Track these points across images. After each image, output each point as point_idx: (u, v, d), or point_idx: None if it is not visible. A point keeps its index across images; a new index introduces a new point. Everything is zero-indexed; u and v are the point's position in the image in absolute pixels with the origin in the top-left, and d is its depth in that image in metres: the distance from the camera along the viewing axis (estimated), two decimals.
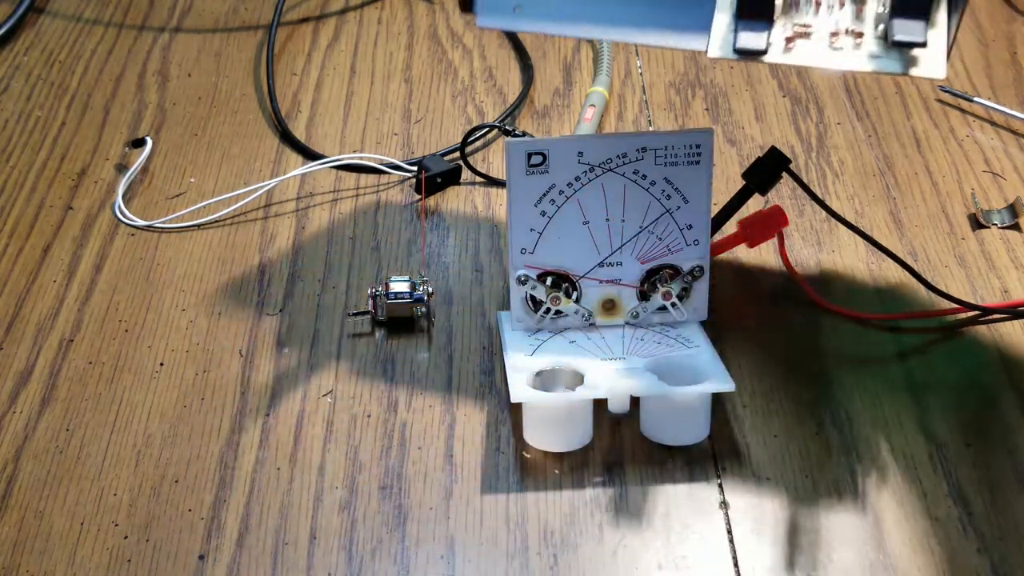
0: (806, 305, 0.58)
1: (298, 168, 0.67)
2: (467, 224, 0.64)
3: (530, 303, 0.55)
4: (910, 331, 0.57)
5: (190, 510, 0.50)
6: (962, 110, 0.71)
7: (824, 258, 0.61)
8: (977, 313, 0.58)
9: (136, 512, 0.50)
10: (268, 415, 0.54)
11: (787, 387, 0.54)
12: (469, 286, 0.60)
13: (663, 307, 0.55)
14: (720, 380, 0.50)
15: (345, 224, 0.64)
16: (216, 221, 0.65)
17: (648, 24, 0.46)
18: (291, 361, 0.56)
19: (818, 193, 0.59)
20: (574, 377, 0.52)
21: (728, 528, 0.49)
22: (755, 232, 0.58)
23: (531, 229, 0.53)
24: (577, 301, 0.55)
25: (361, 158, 0.68)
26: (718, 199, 0.59)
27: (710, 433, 0.52)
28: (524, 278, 0.54)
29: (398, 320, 0.58)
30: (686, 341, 0.54)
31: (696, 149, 0.52)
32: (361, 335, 0.58)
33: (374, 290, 0.58)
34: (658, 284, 0.54)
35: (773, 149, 0.58)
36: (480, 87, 0.74)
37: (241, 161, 0.69)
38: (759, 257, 0.61)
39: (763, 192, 0.58)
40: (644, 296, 0.55)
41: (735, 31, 0.46)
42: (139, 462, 0.52)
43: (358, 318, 0.58)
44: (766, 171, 0.57)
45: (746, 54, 0.46)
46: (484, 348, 0.57)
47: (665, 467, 0.51)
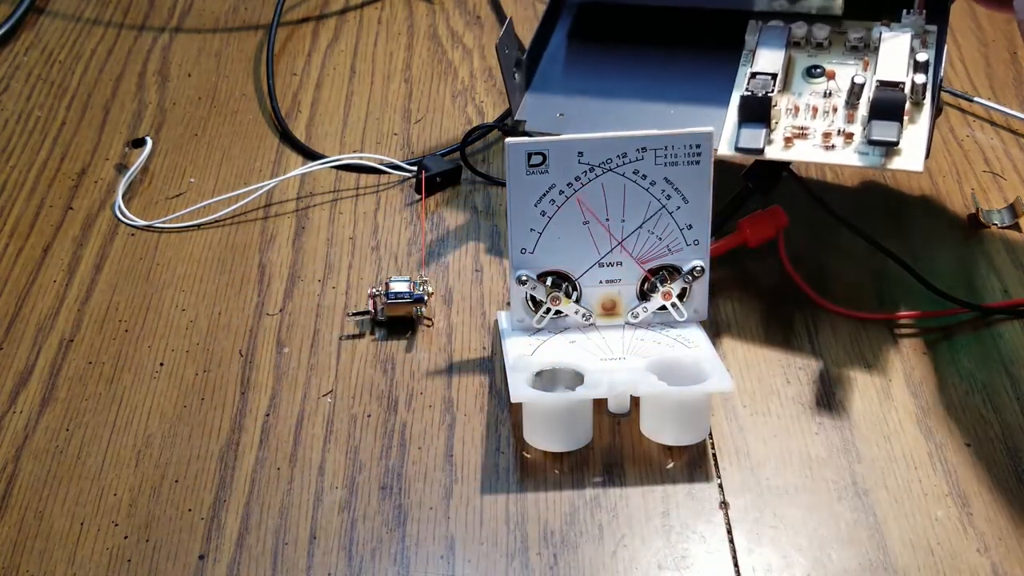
0: (806, 305, 0.59)
1: (298, 168, 0.67)
2: (467, 224, 0.64)
3: (530, 303, 0.55)
4: (910, 331, 0.57)
5: (190, 510, 0.50)
6: (962, 110, 0.71)
7: (824, 258, 0.61)
8: (977, 313, 0.58)
9: (136, 512, 0.50)
10: (268, 415, 0.54)
11: (787, 387, 0.54)
12: (469, 286, 0.60)
13: (663, 307, 0.55)
14: (720, 380, 0.50)
15: (345, 224, 0.64)
16: (216, 221, 0.65)
17: (672, 127, 0.52)
18: (291, 361, 0.56)
19: (818, 192, 0.59)
20: (574, 377, 0.52)
21: (728, 528, 0.49)
22: (755, 232, 0.58)
23: (531, 229, 0.53)
24: (577, 301, 0.55)
25: (361, 158, 0.68)
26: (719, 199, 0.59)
27: (710, 433, 0.52)
28: (524, 278, 0.54)
29: (398, 320, 0.58)
30: (686, 341, 0.54)
31: (696, 149, 0.52)
32: (361, 335, 0.58)
33: (374, 290, 0.58)
34: (658, 284, 0.54)
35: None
36: (480, 87, 0.74)
37: (241, 161, 0.69)
38: (759, 257, 0.61)
39: (763, 192, 0.58)
40: (644, 296, 0.55)
41: (737, 132, 0.55)
42: (139, 462, 0.52)
43: (358, 318, 0.58)
44: (766, 171, 0.57)
45: (746, 151, 0.55)
46: (484, 348, 0.57)
47: (665, 467, 0.51)
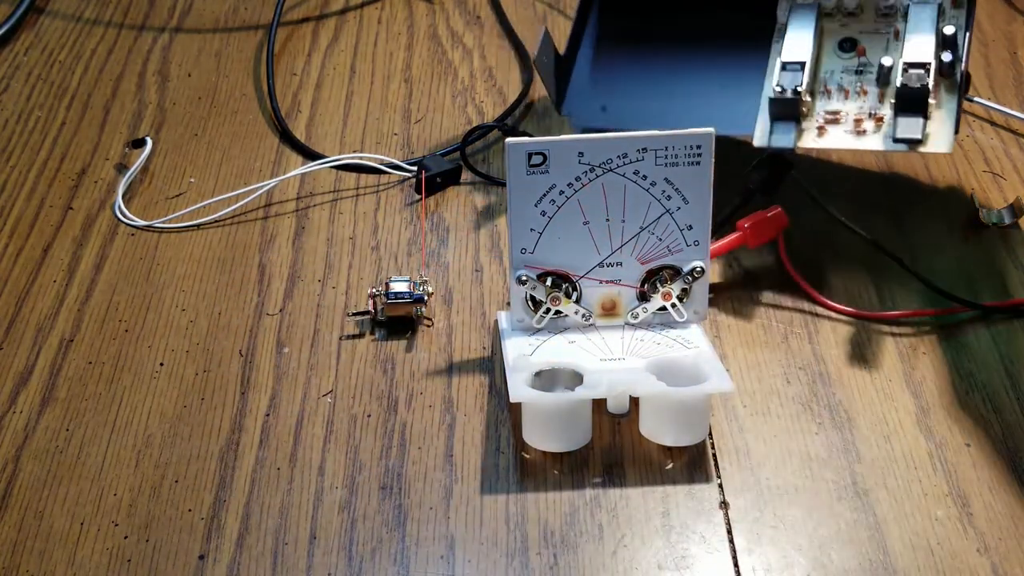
0: (806, 305, 0.59)
1: (298, 168, 0.67)
2: (467, 224, 0.64)
3: (530, 303, 0.55)
4: (910, 331, 0.57)
5: (190, 510, 0.50)
6: (962, 110, 0.70)
7: (824, 258, 0.61)
8: (977, 313, 0.58)
9: (136, 512, 0.50)
10: (268, 415, 0.54)
11: (787, 387, 0.54)
12: (469, 286, 0.60)
13: (663, 307, 0.55)
14: (720, 381, 0.50)
15: (345, 224, 0.64)
16: (216, 221, 0.65)
17: (709, 122, 0.53)
18: (291, 361, 0.56)
19: (818, 192, 0.59)
20: (573, 377, 0.52)
21: (728, 528, 0.49)
22: (756, 233, 0.58)
23: (531, 229, 0.53)
24: (577, 301, 0.55)
25: (361, 158, 0.68)
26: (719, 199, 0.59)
27: (710, 433, 0.52)
28: (524, 278, 0.54)
29: (398, 320, 0.58)
30: (686, 341, 0.54)
31: (697, 150, 0.52)
32: (361, 335, 0.58)
33: (374, 290, 0.58)
34: (658, 285, 0.54)
35: (774, 152, 0.58)
36: (480, 87, 0.74)
37: (241, 161, 0.69)
38: (759, 257, 0.61)
39: (764, 193, 0.58)
40: (644, 296, 0.55)
41: (769, 132, 0.58)
42: (139, 462, 0.52)
43: (358, 318, 0.58)
44: (768, 173, 0.57)
45: (780, 150, 0.57)
46: (484, 348, 0.57)
47: (665, 467, 0.51)
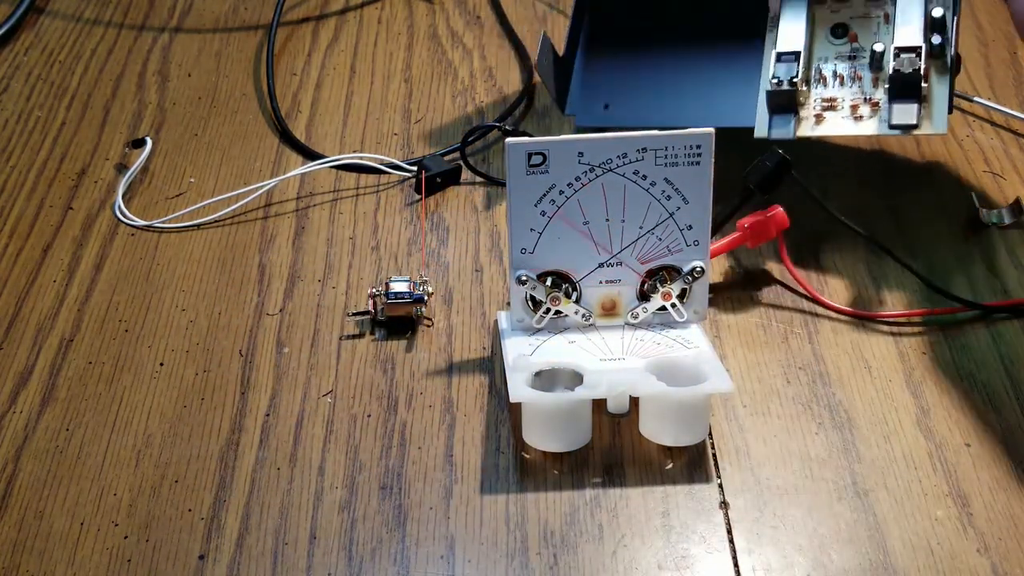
0: (806, 305, 0.59)
1: (298, 168, 0.67)
2: (467, 224, 0.64)
3: (530, 303, 0.55)
4: (910, 331, 0.57)
5: (190, 510, 0.50)
6: (962, 110, 0.71)
7: (824, 258, 0.61)
8: (977, 313, 0.58)
9: (136, 512, 0.50)
10: (268, 415, 0.54)
11: (787, 387, 0.54)
12: (469, 286, 0.60)
13: (663, 307, 0.55)
14: (720, 381, 0.50)
15: (345, 224, 0.64)
16: (216, 221, 0.65)
17: (711, 119, 0.54)
18: (291, 361, 0.56)
19: (818, 192, 0.59)
20: (573, 377, 0.52)
21: (728, 528, 0.49)
22: (756, 232, 0.58)
23: (531, 229, 0.53)
24: (577, 301, 0.55)
25: (361, 158, 0.68)
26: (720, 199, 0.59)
27: (710, 433, 0.52)
28: (524, 278, 0.54)
29: (398, 320, 0.58)
30: (686, 341, 0.54)
31: (696, 150, 0.52)
32: (361, 335, 0.58)
33: (374, 290, 0.58)
34: (658, 285, 0.54)
35: (774, 150, 0.58)
36: (480, 87, 0.74)
37: (241, 161, 0.69)
38: (759, 257, 0.61)
39: (764, 193, 0.58)
40: (644, 296, 0.55)
41: (769, 124, 0.59)
42: (139, 462, 0.52)
43: (358, 318, 0.58)
44: (768, 172, 0.57)
45: (780, 141, 0.58)
46: (484, 348, 0.57)
47: (665, 467, 0.51)
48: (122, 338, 0.58)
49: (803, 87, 0.59)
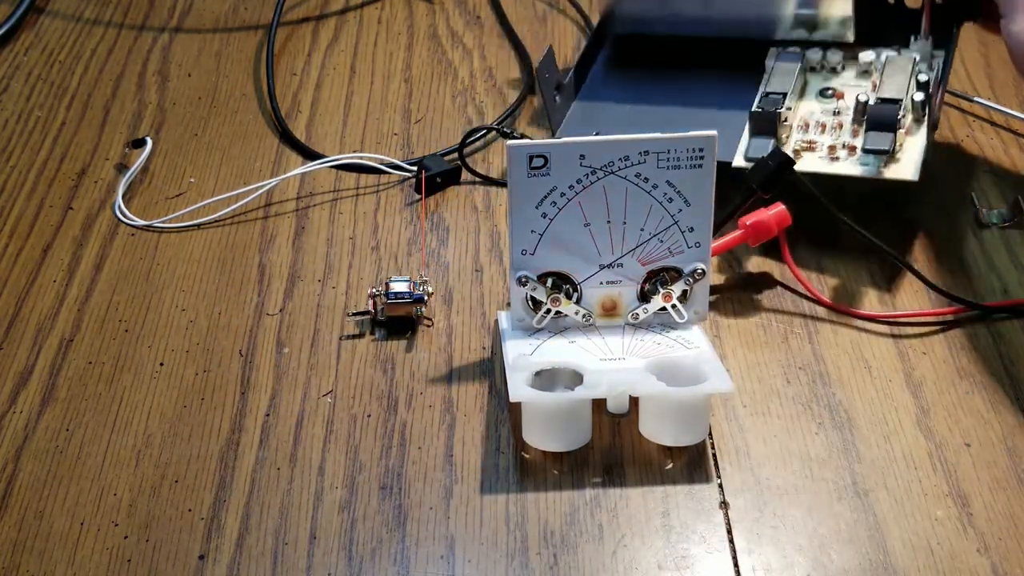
0: (807, 305, 0.59)
1: (298, 168, 0.67)
2: (467, 224, 0.64)
3: (530, 303, 0.55)
4: (910, 331, 0.57)
5: (190, 510, 0.50)
6: (962, 110, 0.71)
7: (825, 258, 0.61)
8: (977, 313, 0.58)
9: (136, 512, 0.50)
10: (268, 415, 0.54)
11: (787, 387, 0.54)
12: (469, 286, 0.60)
13: (663, 308, 0.55)
14: (719, 381, 0.50)
15: (345, 224, 0.64)
16: (216, 221, 0.65)
17: None
18: (291, 361, 0.56)
19: (819, 192, 0.59)
20: (573, 377, 0.52)
21: (728, 528, 0.49)
22: (758, 231, 0.58)
23: (532, 231, 0.53)
24: (577, 302, 0.55)
25: (361, 158, 0.68)
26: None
27: (710, 433, 0.52)
28: (524, 279, 0.54)
29: (398, 320, 0.58)
30: (686, 342, 0.54)
31: (699, 153, 0.52)
32: (361, 335, 0.58)
33: (374, 290, 0.58)
34: (659, 286, 0.54)
35: (777, 150, 0.58)
36: (480, 87, 0.74)
37: (241, 161, 0.69)
38: (760, 256, 0.61)
39: (766, 192, 0.58)
40: (644, 297, 0.55)
41: (748, 143, 0.60)
42: (139, 462, 0.52)
43: (358, 318, 0.58)
44: (770, 171, 0.58)
45: (755, 160, 0.58)
46: (484, 348, 0.57)
47: (665, 467, 0.51)
48: (122, 338, 0.58)
49: (786, 120, 0.60)
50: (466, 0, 0.83)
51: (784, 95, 0.61)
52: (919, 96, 0.59)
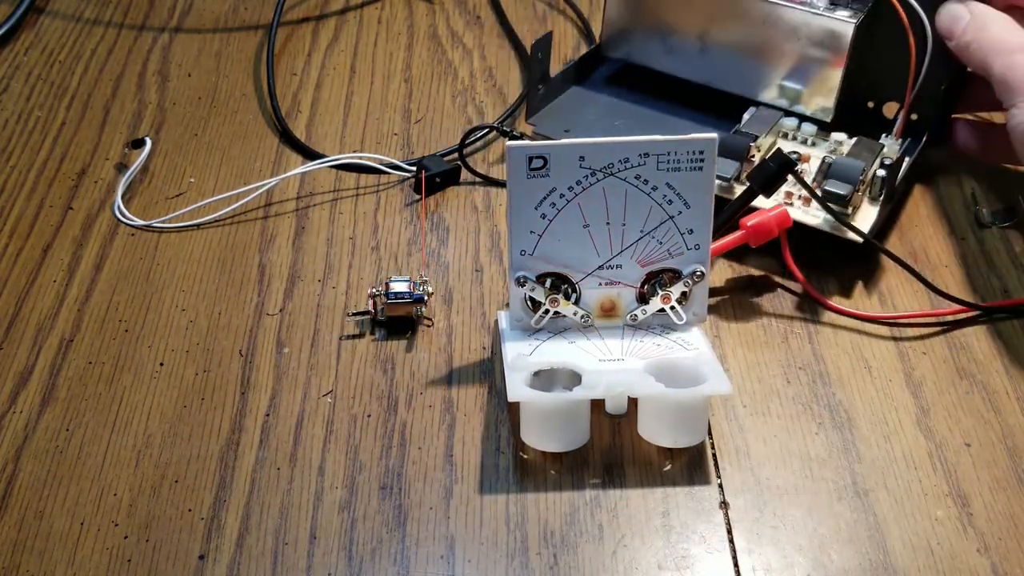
0: (806, 305, 0.59)
1: (298, 168, 0.67)
2: (467, 224, 0.64)
3: (529, 303, 0.55)
4: (910, 331, 0.57)
5: (190, 510, 0.50)
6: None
7: (824, 258, 0.61)
8: (977, 313, 0.58)
9: (136, 512, 0.50)
10: (268, 415, 0.54)
11: (787, 387, 0.54)
12: (469, 286, 0.60)
13: (662, 309, 0.55)
14: (718, 383, 0.50)
15: (345, 224, 0.64)
16: (216, 221, 0.65)
17: None
18: (291, 361, 0.56)
19: (818, 193, 0.59)
20: (572, 377, 0.52)
21: (728, 528, 0.49)
22: (758, 231, 0.58)
23: (531, 231, 0.53)
24: (576, 303, 0.55)
25: (361, 158, 0.68)
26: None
27: (710, 433, 0.52)
28: (523, 280, 0.54)
29: (398, 320, 0.58)
30: (685, 343, 0.54)
31: (699, 155, 0.52)
32: (361, 335, 0.58)
33: (374, 290, 0.58)
34: (658, 287, 0.54)
35: (778, 151, 0.58)
36: (480, 87, 0.74)
37: (241, 161, 0.69)
38: (760, 257, 0.61)
39: (767, 194, 0.58)
40: (643, 299, 0.55)
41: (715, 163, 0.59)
42: (139, 462, 0.52)
43: (358, 318, 0.58)
44: (771, 172, 0.58)
45: (718, 178, 0.60)
46: (484, 348, 0.57)
47: (664, 467, 0.51)
48: (122, 338, 0.58)
49: (752, 156, 0.61)
50: (466, 0, 0.83)
51: (756, 136, 0.62)
52: (881, 172, 0.60)
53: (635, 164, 0.52)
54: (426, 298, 0.57)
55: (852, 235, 0.58)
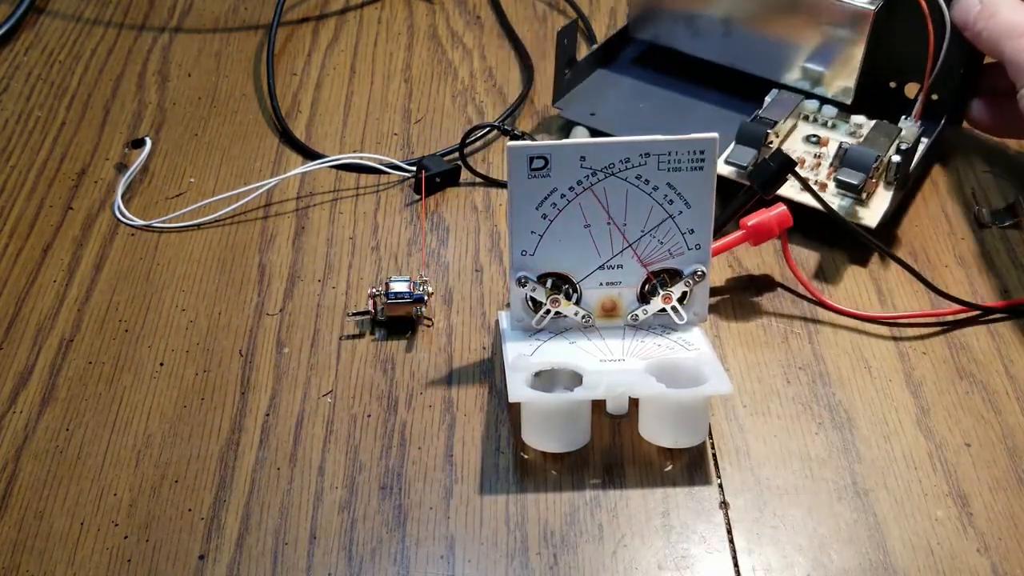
0: (806, 305, 0.59)
1: (298, 168, 0.67)
2: (467, 224, 0.64)
3: (530, 303, 0.55)
4: (910, 331, 0.57)
5: (190, 510, 0.50)
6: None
7: (824, 258, 0.61)
8: (977, 313, 0.58)
9: (136, 512, 0.50)
10: (268, 415, 0.54)
11: (787, 387, 0.54)
12: (469, 286, 0.60)
13: (663, 309, 0.55)
14: (719, 383, 0.50)
15: (345, 224, 0.64)
16: (216, 221, 0.65)
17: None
18: (291, 361, 0.56)
19: (818, 193, 0.59)
20: (573, 378, 0.52)
21: (728, 528, 0.49)
22: (759, 231, 0.58)
23: (532, 232, 0.53)
24: (577, 303, 0.55)
25: (361, 158, 0.68)
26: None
27: (710, 433, 0.52)
28: (524, 280, 0.54)
29: (398, 320, 0.58)
30: (686, 343, 0.54)
31: (700, 155, 0.52)
32: (361, 335, 0.58)
33: (374, 290, 0.58)
34: (659, 287, 0.54)
35: (779, 151, 0.58)
36: (480, 87, 0.74)
37: (241, 161, 0.69)
38: (761, 257, 0.61)
39: (767, 193, 0.58)
40: (644, 299, 0.55)
41: (732, 149, 0.62)
42: (139, 462, 0.52)
43: (358, 318, 0.58)
44: (771, 172, 0.58)
45: (734, 165, 0.62)
46: (484, 348, 0.57)
47: (665, 467, 0.51)
48: (122, 338, 0.58)
49: (770, 142, 0.62)
50: (466, 0, 0.83)
51: (775, 122, 0.63)
52: (896, 158, 0.60)
53: (636, 164, 0.52)
54: (426, 298, 0.57)
55: (867, 221, 0.59)
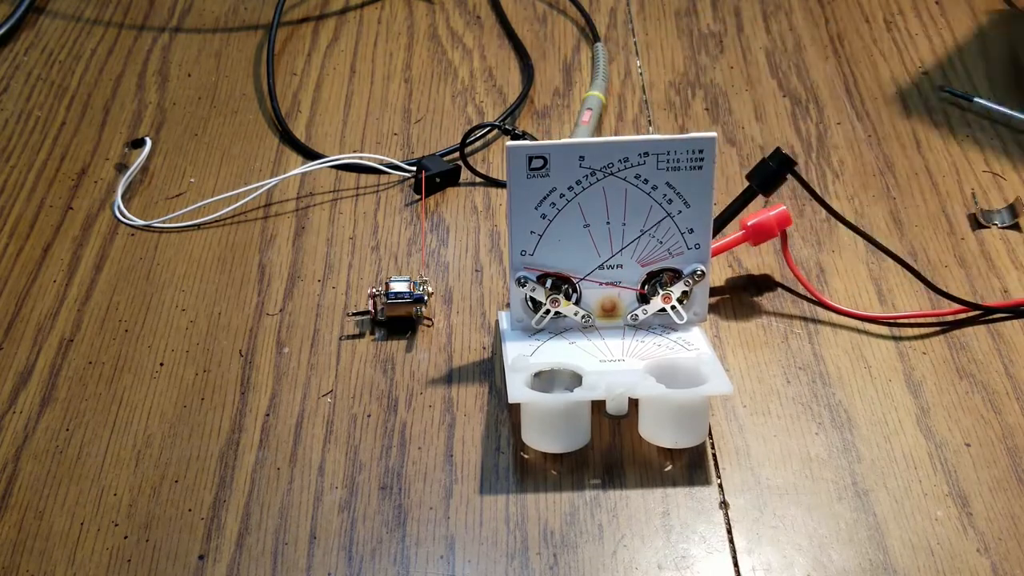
0: (806, 305, 0.59)
1: (298, 168, 0.67)
2: (467, 224, 0.64)
3: (530, 304, 0.55)
4: (910, 331, 0.57)
5: (190, 510, 0.50)
6: (962, 109, 0.71)
7: (825, 258, 0.61)
8: (977, 313, 0.58)
9: (136, 512, 0.50)
10: (268, 415, 0.54)
11: (787, 387, 0.54)
12: (469, 286, 0.60)
13: (663, 309, 0.55)
14: (719, 383, 0.50)
15: (345, 224, 0.64)
16: (216, 221, 0.65)
17: None
18: (291, 361, 0.56)
19: (818, 193, 0.59)
20: (573, 378, 0.52)
21: (728, 528, 0.49)
22: (759, 231, 0.58)
23: (531, 232, 0.53)
24: (577, 303, 0.55)
25: (361, 158, 0.68)
26: (717, 198, 0.59)
27: (710, 433, 0.52)
28: (524, 280, 0.54)
29: (398, 320, 0.58)
30: (686, 343, 0.54)
31: (699, 154, 0.52)
32: (361, 335, 0.58)
33: (374, 290, 0.58)
34: (658, 287, 0.54)
35: (778, 151, 0.58)
36: (480, 87, 0.74)
37: (241, 161, 0.69)
38: (761, 257, 0.61)
39: (766, 193, 0.58)
40: (644, 299, 0.55)
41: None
42: (139, 462, 0.52)
43: (358, 318, 0.58)
44: (771, 172, 0.57)
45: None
46: (484, 348, 0.57)
47: (665, 468, 0.51)
48: (122, 338, 0.58)
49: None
50: (466, 0, 0.83)
51: None
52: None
53: (635, 163, 0.52)
54: (426, 298, 0.57)
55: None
